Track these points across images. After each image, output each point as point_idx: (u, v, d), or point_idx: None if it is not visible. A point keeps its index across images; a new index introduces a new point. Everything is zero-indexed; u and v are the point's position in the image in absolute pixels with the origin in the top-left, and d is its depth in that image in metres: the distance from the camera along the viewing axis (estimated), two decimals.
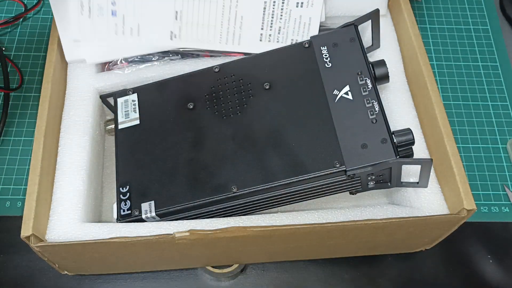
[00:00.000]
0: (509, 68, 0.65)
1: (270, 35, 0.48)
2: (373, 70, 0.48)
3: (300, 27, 0.48)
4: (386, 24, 0.56)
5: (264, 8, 0.47)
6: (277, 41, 0.48)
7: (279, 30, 0.47)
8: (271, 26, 0.48)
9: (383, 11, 0.56)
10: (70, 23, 0.49)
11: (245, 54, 0.49)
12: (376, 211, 0.46)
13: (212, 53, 0.55)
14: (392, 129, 0.45)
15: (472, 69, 0.65)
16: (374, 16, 0.50)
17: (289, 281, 0.52)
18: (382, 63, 0.49)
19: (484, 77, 0.65)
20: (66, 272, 0.49)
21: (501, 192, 0.57)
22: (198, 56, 0.55)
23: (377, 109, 0.45)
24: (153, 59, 0.54)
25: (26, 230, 0.41)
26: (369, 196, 0.52)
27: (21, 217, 0.41)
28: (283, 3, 0.48)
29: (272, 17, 0.48)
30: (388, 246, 0.51)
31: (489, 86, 0.64)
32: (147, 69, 0.54)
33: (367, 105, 0.45)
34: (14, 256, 0.52)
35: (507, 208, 0.56)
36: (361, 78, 0.47)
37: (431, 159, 0.43)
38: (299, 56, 0.49)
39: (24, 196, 0.42)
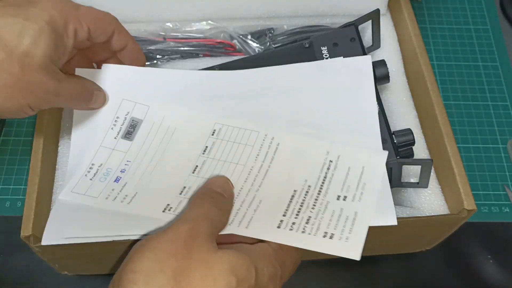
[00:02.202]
0: (509, 68, 0.65)
1: (293, 223, 0.38)
2: (373, 70, 0.48)
3: (339, 221, 0.38)
4: (386, 24, 0.56)
5: (292, 196, 0.40)
6: (303, 232, 0.37)
7: (308, 220, 0.38)
8: (297, 215, 0.38)
9: (383, 11, 0.56)
10: (70, 180, 0.43)
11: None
12: None
13: (212, 53, 0.55)
14: (392, 129, 0.45)
15: (472, 69, 0.65)
16: (374, 16, 0.50)
17: (289, 281, 0.52)
18: (382, 63, 0.48)
19: (484, 77, 0.65)
20: (66, 272, 0.49)
21: (501, 192, 0.57)
22: (197, 55, 0.55)
23: (377, 109, 0.45)
24: (157, 56, 0.54)
25: (26, 230, 0.40)
26: None
27: (21, 217, 0.41)
28: (318, 193, 0.40)
29: (301, 206, 0.39)
30: (388, 246, 0.51)
31: (489, 86, 0.64)
32: None
33: None
34: (14, 256, 0.52)
35: (507, 208, 0.56)
36: None
37: (431, 160, 0.43)
38: (299, 56, 0.49)
39: (24, 196, 0.42)
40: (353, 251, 0.36)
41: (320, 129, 0.44)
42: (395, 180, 0.45)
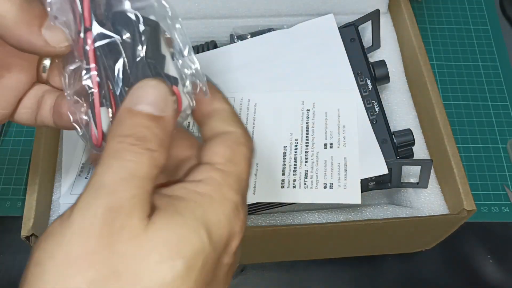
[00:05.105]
0: (509, 68, 0.65)
1: (294, 180, 0.41)
2: (373, 70, 0.48)
3: (333, 169, 0.41)
4: (386, 24, 0.56)
5: (284, 153, 0.42)
6: (305, 187, 0.40)
7: (306, 174, 0.41)
8: (294, 171, 0.41)
9: (383, 11, 0.56)
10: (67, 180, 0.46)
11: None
12: (376, 211, 0.46)
13: None
14: (392, 129, 0.45)
15: (472, 69, 0.65)
16: (374, 16, 0.50)
17: (289, 281, 0.52)
18: (382, 63, 0.49)
19: (484, 77, 0.65)
20: None
21: (501, 192, 0.57)
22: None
23: (377, 109, 0.45)
24: None
25: (26, 230, 0.40)
26: (369, 196, 0.52)
27: (21, 217, 0.41)
28: (307, 145, 0.42)
29: (295, 161, 0.42)
30: (388, 246, 0.51)
31: (489, 86, 0.64)
32: None
33: (367, 106, 0.45)
34: (14, 256, 0.52)
35: (507, 208, 0.56)
36: (361, 79, 0.47)
37: (431, 160, 0.43)
38: None
39: (24, 196, 0.42)
40: (353, 196, 0.39)
41: (297, 87, 0.46)
42: (395, 180, 0.45)
